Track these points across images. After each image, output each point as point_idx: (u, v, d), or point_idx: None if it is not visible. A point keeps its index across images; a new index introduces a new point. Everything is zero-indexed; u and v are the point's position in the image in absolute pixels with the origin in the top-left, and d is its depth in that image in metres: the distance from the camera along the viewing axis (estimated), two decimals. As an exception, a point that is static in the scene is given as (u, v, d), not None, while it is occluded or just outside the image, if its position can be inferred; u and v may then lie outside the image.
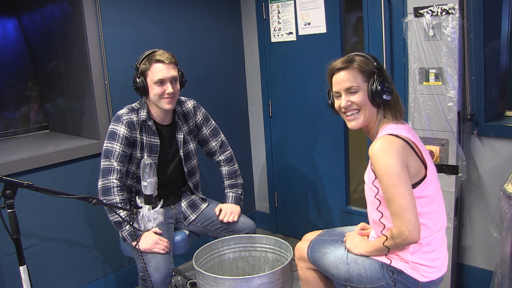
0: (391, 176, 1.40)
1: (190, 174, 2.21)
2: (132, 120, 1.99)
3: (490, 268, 2.22)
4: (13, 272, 2.03)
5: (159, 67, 1.93)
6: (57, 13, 2.51)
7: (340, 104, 1.56)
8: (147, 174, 1.81)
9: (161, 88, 1.95)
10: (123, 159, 1.98)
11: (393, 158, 1.40)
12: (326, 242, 1.74)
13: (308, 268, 1.78)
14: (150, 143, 2.05)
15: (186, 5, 2.79)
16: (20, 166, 2.14)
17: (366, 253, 1.60)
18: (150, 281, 1.85)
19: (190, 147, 2.19)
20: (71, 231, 2.37)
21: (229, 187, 2.30)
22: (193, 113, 2.19)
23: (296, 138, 3.06)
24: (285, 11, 2.90)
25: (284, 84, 3.04)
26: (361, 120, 1.55)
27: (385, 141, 1.44)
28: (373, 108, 1.54)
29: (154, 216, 1.87)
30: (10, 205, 1.48)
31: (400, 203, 1.40)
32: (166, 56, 1.94)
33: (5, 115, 2.75)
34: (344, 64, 1.53)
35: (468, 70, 2.10)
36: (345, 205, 2.90)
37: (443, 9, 1.99)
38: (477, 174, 2.22)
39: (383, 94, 1.49)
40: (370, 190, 1.54)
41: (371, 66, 1.52)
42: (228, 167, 2.30)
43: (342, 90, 1.54)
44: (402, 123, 1.57)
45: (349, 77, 1.52)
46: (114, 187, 1.94)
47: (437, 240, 1.53)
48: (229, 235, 2.21)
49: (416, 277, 1.51)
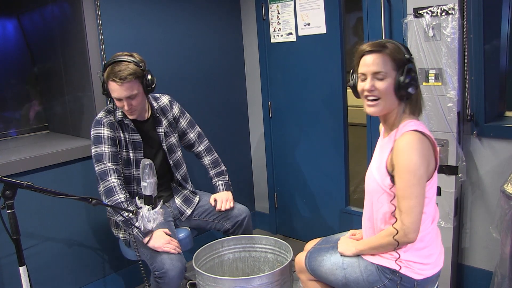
0: (414, 175, 1.40)
1: (177, 166, 2.24)
2: (112, 121, 2.03)
3: (490, 269, 2.22)
4: (13, 272, 2.02)
5: (113, 86, 1.92)
6: (57, 14, 2.51)
7: (364, 86, 1.50)
8: (147, 174, 1.81)
9: (119, 103, 1.97)
10: (115, 159, 2.00)
11: (420, 157, 1.40)
12: (323, 250, 1.74)
13: (309, 280, 1.77)
14: (132, 140, 2.08)
15: (186, 6, 2.79)
16: (19, 167, 2.14)
17: (358, 251, 1.60)
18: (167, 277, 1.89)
19: (172, 140, 2.22)
20: (71, 232, 2.37)
21: (216, 176, 2.34)
22: (169, 107, 2.23)
23: (296, 138, 3.06)
24: (285, 12, 2.90)
25: (284, 84, 3.04)
26: (380, 107, 1.50)
27: (415, 138, 1.42)
28: (394, 99, 1.49)
29: (154, 217, 1.86)
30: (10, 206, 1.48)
31: (413, 203, 1.40)
32: (120, 76, 1.88)
33: (5, 115, 2.74)
34: (376, 48, 1.48)
35: (468, 71, 2.10)
36: (344, 206, 2.90)
37: (443, 10, 1.99)
38: (477, 174, 2.22)
39: (409, 87, 1.45)
40: (382, 183, 1.51)
41: (403, 56, 1.47)
42: (209, 157, 2.36)
43: (369, 73, 1.49)
44: (418, 120, 1.55)
45: (379, 61, 1.46)
46: (116, 186, 1.96)
47: (429, 236, 1.53)
48: (227, 223, 2.23)
49: (411, 276, 1.51)
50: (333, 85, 2.76)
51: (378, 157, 1.59)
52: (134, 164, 2.10)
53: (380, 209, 1.55)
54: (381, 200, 1.53)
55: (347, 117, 2.81)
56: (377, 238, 1.55)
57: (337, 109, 2.78)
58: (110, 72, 1.91)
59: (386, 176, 1.49)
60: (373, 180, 1.55)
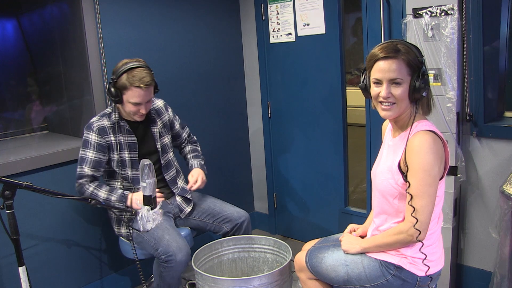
0: (429, 175, 1.41)
1: (167, 167, 2.26)
2: (103, 126, 2.07)
3: (489, 269, 2.22)
4: (12, 272, 2.03)
5: (137, 92, 1.97)
6: (56, 14, 2.51)
7: (380, 93, 1.50)
8: (146, 174, 1.81)
9: (136, 107, 2.02)
10: (95, 164, 2.07)
11: (435, 157, 1.41)
12: (323, 248, 1.75)
13: (308, 279, 1.77)
14: (128, 142, 2.12)
15: (185, 6, 2.79)
16: (19, 167, 2.14)
17: (362, 249, 1.61)
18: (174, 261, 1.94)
19: (165, 140, 2.26)
20: (70, 232, 2.37)
21: (193, 158, 2.37)
22: (165, 110, 2.29)
23: (295, 139, 3.06)
24: (284, 12, 2.90)
25: (283, 85, 3.04)
26: (395, 111, 1.50)
27: (429, 138, 1.43)
28: (408, 102, 1.50)
29: (153, 217, 1.87)
30: (9, 206, 1.48)
31: (425, 202, 1.42)
32: (146, 81, 1.96)
33: (4, 116, 2.74)
34: (391, 53, 1.46)
35: (467, 71, 2.11)
36: (344, 206, 2.90)
37: (442, 10, 2.00)
38: (476, 175, 2.23)
39: (424, 91, 1.46)
40: (394, 183, 1.51)
41: (415, 59, 1.47)
42: (191, 146, 2.43)
43: (385, 79, 1.48)
44: (428, 120, 1.56)
45: (395, 68, 1.45)
46: (84, 184, 2.07)
47: (435, 235, 1.56)
48: (227, 226, 2.25)
49: (415, 272, 1.52)
50: (333, 86, 2.76)
51: (389, 156, 1.59)
52: (129, 165, 2.12)
53: (393, 208, 1.55)
54: (394, 198, 1.54)
55: (346, 117, 2.81)
56: (384, 237, 1.56)
57: (336, 110, 2.78)
58: (133, 79, 1.95)
59: (399, 175, 1.50)
60: (385, 179, 1.55)
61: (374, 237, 1.61)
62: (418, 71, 1.46)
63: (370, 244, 1.60)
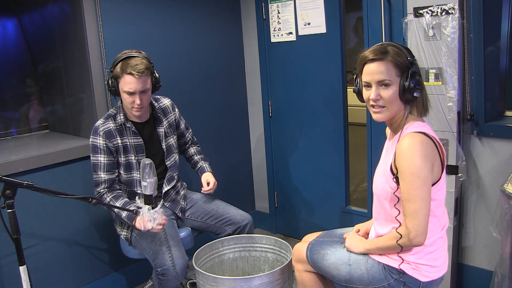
0: (418, 177, 1.39)
1: (171, 169, 2.23)
2: (109, 129, 2.05)
3: (490, 268, 2.22)
4: (13, 272, 2.03)
5: (129, 79, 1.94)
6: (57, 13, 2.51)
7: (369, 96, 1.50)
8: (147, 174, 1.82)
9: (130, 98, 1.99)
10: (109, 167, 2.06)
11: (423, 159, 1.39)
12: (326, 243, 1.74)
13: (304, 270, 1.77)
14: (134, 144, 2.10)
15: (186, 5, 2.79)
16: (20, 166, 2.14)
17: (365, 250, 1.60)
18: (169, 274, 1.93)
19: (171, 141, 2.23)
20: (71, 231, 2.37)
21: (203, 161, 2.38)
22: (171, 109, 2.26)
23: (296, 138, 3.06)
24: (285, 11, 2.90)
25: (284, 84, 3.04)
26: (387, 114, 1.50)
27: (416, 140, 1.41)
28: (400, 104, 1.49)
29: (154, 216, 1.87)
30: (10, 205, 1.48)
31: (418, 205, 1.39)
32: (138, 69, 1.92)
33: (5, 115, 2.75)
34: (378, 55, 1.46)
35: (468, 70, 2.10)
36: (345, 205, 2.90)
37: (443, 9, 1.99)
38: (477, 174, 2.23)
39: (414, 91, 1.44)
40: (388, 186, 1.51)
41: (405, 60, 1.46)
42: (195, 147, 2.43)
43: (373, 82, 1.48)
44: (423, 121, 1.54)
45: (383, 69, 1.45)
46: (102, 194, 2.06)
47: (440, 241, 1.54)
48: (229, 228, 2.24)
49: (417, 277, 1.51)
50: (333, 85, 2.76)
51: (384, 160, 1.59)
52: (136, 168, 2.11)
53: (387, 212, 1.55)
54: (387, 202, 1.54)
55: (347, 117, 2.81)
56: (384, 240, 1.55)
57: (337, 109, 2.78)
58: (126, 66, 1.93)
59: (391, 179, 1.49)
60: (380, 183, 1.55)
61: (376, 240, 1.61)
62: (407, 71, 1.45)
63: (372, 246, 1.59)
